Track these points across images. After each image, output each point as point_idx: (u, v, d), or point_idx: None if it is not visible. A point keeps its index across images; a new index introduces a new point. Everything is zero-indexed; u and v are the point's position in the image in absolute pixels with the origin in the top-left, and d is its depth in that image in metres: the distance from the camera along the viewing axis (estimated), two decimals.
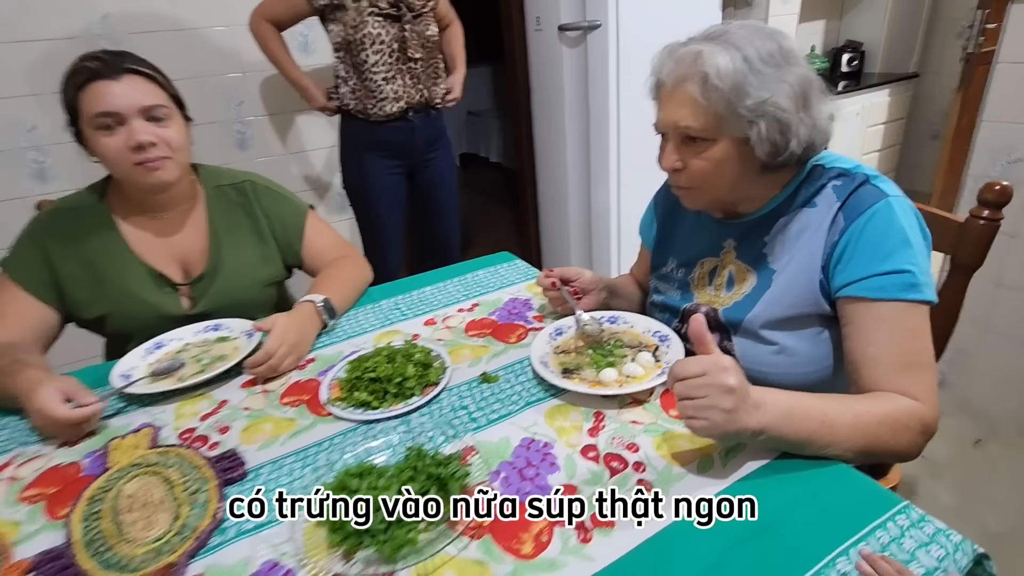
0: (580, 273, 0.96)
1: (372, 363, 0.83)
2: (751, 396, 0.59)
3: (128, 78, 0.91)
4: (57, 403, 0.74)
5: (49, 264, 0.97)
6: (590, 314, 0.91)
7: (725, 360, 0.59)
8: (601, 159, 2.06)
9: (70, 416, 0.74)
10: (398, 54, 1.66)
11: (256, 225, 1.10)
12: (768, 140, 0.68)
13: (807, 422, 0.62)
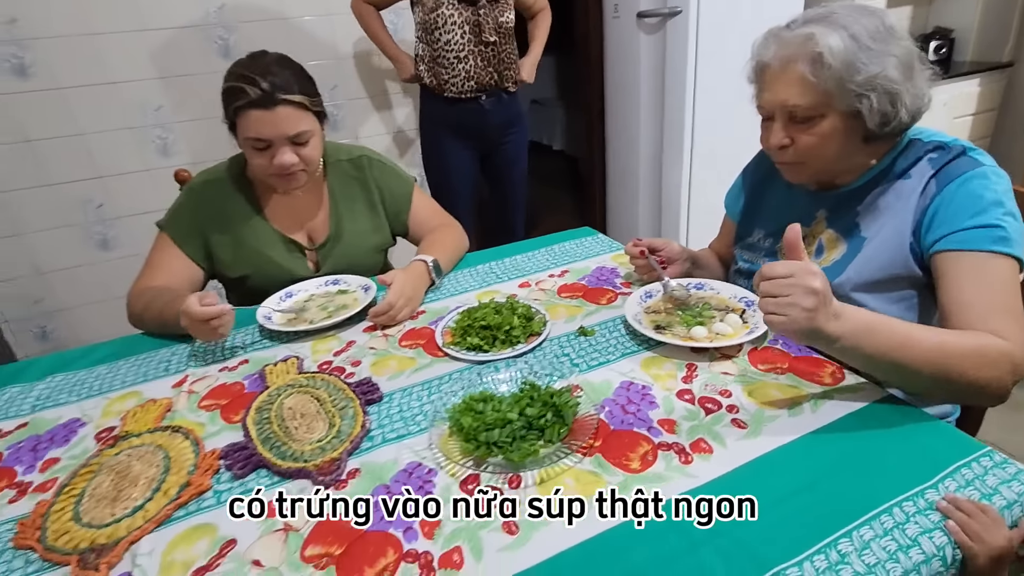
0: (667, 244, 1.03)
1: (481, 314, 0.93)
2: (833, 303, 0.62)
3: (282, 109, 0.97)
4: (195, 304, 0.88)
5: (201, 228, 1.12)
6: (677, 280, 0.98)
7: (814, 267, 0.63)
8: (675, 144, 2.09)
9: (204, 312, 0.88)
10: (470, 36, 1.76)
11: (370, 196, 1.22)
12: (879, 111, 0.73)
13: (888, 338, 0.64)
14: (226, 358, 0.96)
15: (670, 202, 2.22)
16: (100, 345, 1.04)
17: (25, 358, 1.50)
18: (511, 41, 1.85)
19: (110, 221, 2.06)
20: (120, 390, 0.89)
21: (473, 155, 1.97)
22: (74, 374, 0.95)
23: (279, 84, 0.97)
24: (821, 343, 0.65)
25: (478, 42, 1.78)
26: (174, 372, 0.93)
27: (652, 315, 0.92)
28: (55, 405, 0.87)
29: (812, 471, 0.61)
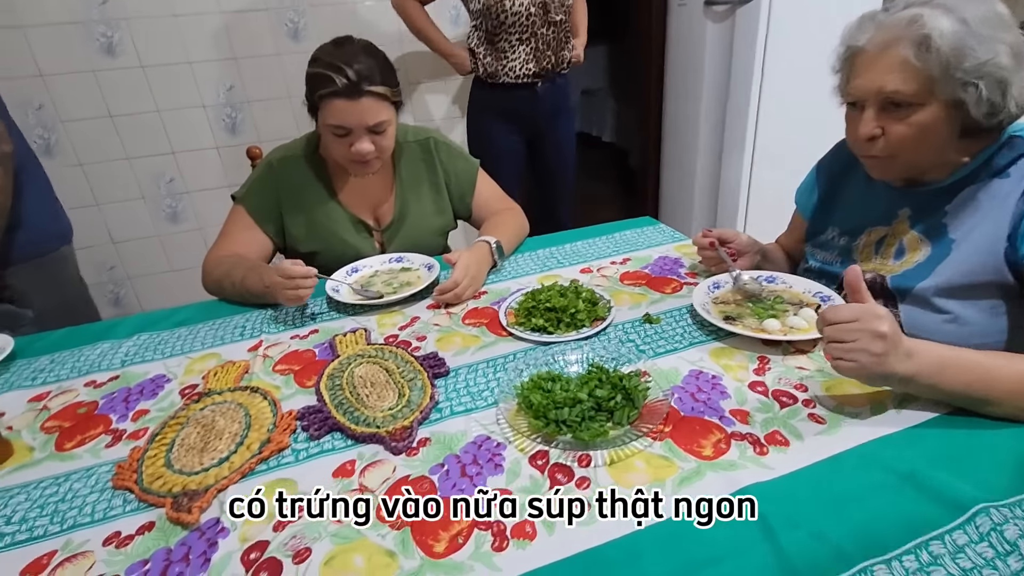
0: (737, 235, 1.01)
1: (545, 296, 0.94)
2: (903, 344, 0.62)
3: (366, 100, 1.00)
4: (287, 262, 0.95)
5: (277, 203, 1.16)
6: (748, 273, 0.96)
7: (879, 309, 0.62)
8: (736, 139, 2.04)
9: (296, 269, 0.93)
10: (535, 17, 1.73)
11: (435, 179, 1.24)
12: (988, 101, 0.69)
13: (963, 374, 0.63)
14: (297, 326, 0.99)
15: (727, 199, 2.17)
16: (180, 309, 1.10)
17: None
18: (569, 21, 1.83)
19: (179, 195, 2.17)
20: (200, 351, 0.94)
21: (520, 141, 1.96)
22: (158, 334, 1.01)
23: (365, 75, 0.99)
24: (894, 384, 0.64)
25: (544, 22, 1.75)
26: (249, 337, 0.97)
27: (721, 306, 0.90)
28: (143, 361, 0.92)
29: (897, 470, 0.59)
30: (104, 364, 0.92)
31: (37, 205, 1.33)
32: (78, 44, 1.87)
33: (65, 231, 1.43)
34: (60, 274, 1.41)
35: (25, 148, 1.33)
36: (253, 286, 1.02)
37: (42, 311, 1.36)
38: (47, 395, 0.85)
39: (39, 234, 1.34)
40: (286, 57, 2.10)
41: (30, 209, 1.31)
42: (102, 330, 1.04)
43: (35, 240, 1.33)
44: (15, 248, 1.29)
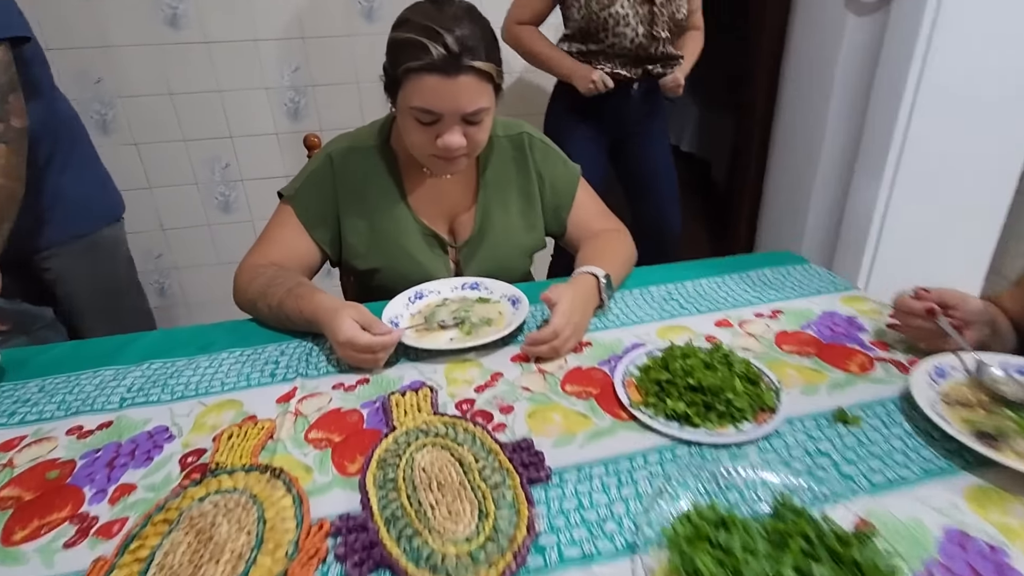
0: (963, 299, 0.70)
1: (681, 364, 0.66)
2: None
3: (464, 78, 0.75)
4: (360, 331, 0.72)
5: (334, 205, 0.93)
6: (994, 360, 0.65)
7: None
8: (874, 158, 1.69)
9: (373, 342, 0.71)
10: (643, 32, 1.51)
11: (527, 185, 0.98)
12: None
13: None
14: (341, 370, 0.76)
15: (853, 226, 1.81)
16: (206, 328, 0.89)
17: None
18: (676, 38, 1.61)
19: (233, 183, 2.01)
20: (218, 394, 0.72)
21: (600, 145, 1.71)
22: (172, 363, 0.80)
23: (468, 45, 0.74)
24: None
25: (648, 35, 1.53)
26: (280, 380, 0.75)
27: (959, 409, 0.60)
28: (145, 403, 0.71)
29: None
30: (100, 401, 0.72)
31: (79, 179, 1.17)
32: (141, 14, 1.74)
33: (114, 208, 1.27)
34: (107, 256, 1.26)
35: (69, 118, 1.17)
36: (292, 313, 0.80)
37: (87, 296, 1.23)
38: (19, 442, 0.65)
39: (82, 211, 1.19)
40: (357, 39, 1.90)
41: (72, 183, 1.15)
42: (111, 349, 0.84)
43: (77, 218, 1.18)
44: (53, 226, 1.14)
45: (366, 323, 0.73)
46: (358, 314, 0.74)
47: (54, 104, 1.12)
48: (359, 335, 0.71)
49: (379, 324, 0.74)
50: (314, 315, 0.77)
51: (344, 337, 0.71)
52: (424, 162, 0.88)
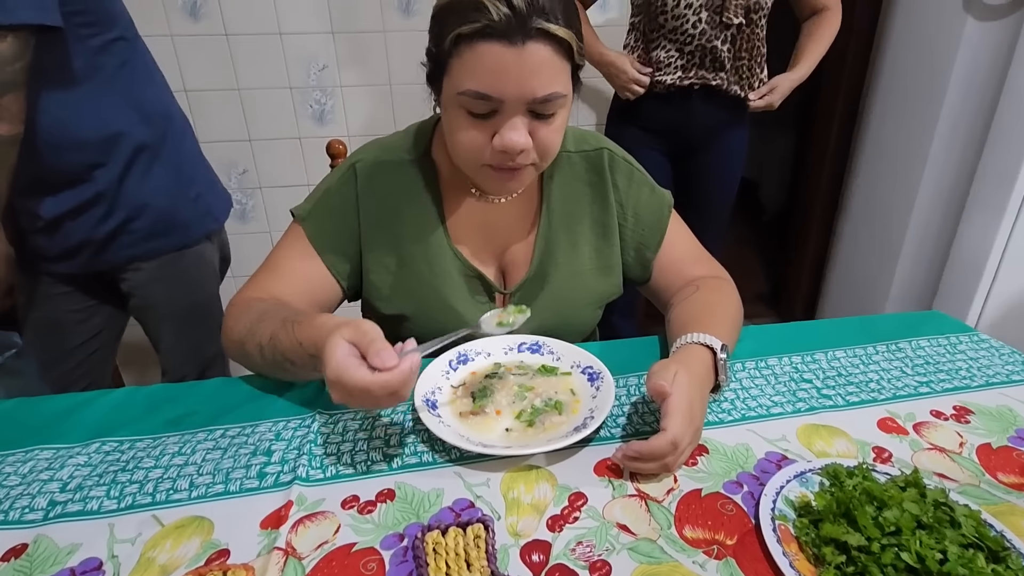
0: None
1: (882, 520, 0.43)
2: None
3: (533, 47, 0.55)
4: (353, 365, 0.48)
5: (356, 234, 0.72)
6: None
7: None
8: (995, 190, 1.42)
9: (370, 384, 0.47)
10: (705, 25, 1.27)
11: (604, 216, 0.76)
12: None
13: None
14: (356, 473, 0.54)
15: (960, 268, 1.54)
16: (185, 389, 0.68)
17: None
18: (759, 33, 1.32)
19: (250, 190, 1.83)
20: (181, 505, 0.51)
21: (666, 156, 1.48)
22: (130, 443, 0.59)
23: (539, 3, 0.54)
24: None
25: (718, 30, 1.28)
26: (271, 485, 0.53)
27: None
28: (80, 513, 0.50)
29: None
30: (19, 505, 0.51)
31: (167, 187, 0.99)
32: (159, 2, 1.57)
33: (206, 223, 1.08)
34: (191, 276, 1.09)
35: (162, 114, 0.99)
36: (288, 347, 0.58)
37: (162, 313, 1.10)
38: None
39: (166, 227, 1.01)
40: (392, 36, 1.71)
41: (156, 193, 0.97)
42: (60, 412, 0.65)
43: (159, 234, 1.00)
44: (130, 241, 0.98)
45: (363, 346, 0.49)
46: (354, 334, 0.50)
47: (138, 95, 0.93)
48: (351, 373, 0.48)
49: (378, 349, 0.49)
50: (314, 342, 0.54)
51: (332, 374, 0.48)
52: (475, 177, 0.66)
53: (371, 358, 0.48)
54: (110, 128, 0.90)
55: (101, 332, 1.11)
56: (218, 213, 1.12)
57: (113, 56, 0.89)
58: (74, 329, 1.07)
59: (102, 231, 0.95)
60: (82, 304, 1.06)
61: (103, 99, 0.88)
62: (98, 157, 0.90)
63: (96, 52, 0.86)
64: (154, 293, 1.06)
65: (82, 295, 1.05)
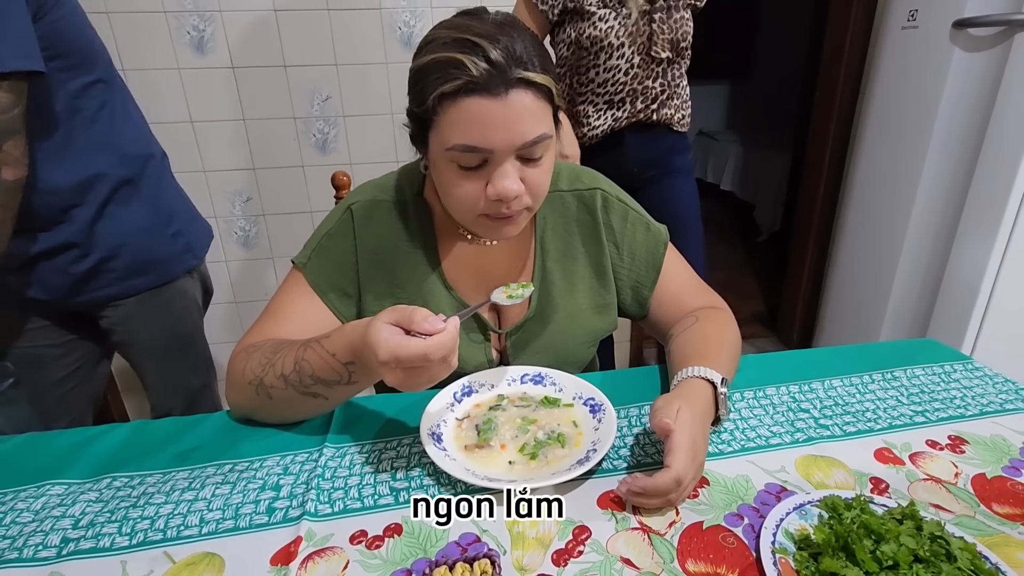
0: None
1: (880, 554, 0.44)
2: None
3: (516, 96, 0.57)
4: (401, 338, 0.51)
5: (355, 274, 0.74)
6: None
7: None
8: (987, 212, 1.45)
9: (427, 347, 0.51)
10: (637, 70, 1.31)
11: (599, 255, 0.78)
12: None
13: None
14: (364, 507, 0.55)
15: (955, 291, 1.56)
16: (193, 422, 0.69)
17: None
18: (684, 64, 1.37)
19: (254, 218, 1.86)
20: (192, 541, 0.52)
21: None
22: (140, 479, 0.60)
23: (517, 54, 0.56)
24: None
25: (646, 63, 1.31)
26: (280, 520, 0.54)
27: None
28: (93, 550, 0.51)
29: None
30: (33, 542, 0.52)
31: (145, 226, 0.99)
32: (166, 37, 1.61)
33: (186, 260, 1.08)
34: (172, 309, 1.09)
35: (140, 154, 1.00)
36: (319, 363, 0.59)
37: (145, 347, 1.09)
38: None
39: (144, 264, 1.01)
40: (393, 67, 1.75)
41: (134, 232, 0.98)
42: (70, 448, 0.65)
43: (138, 272, 1.01)
44: (109, 280, 0.98)
45: (406, 321, 0.52)
46: (392, 315, 0.53)
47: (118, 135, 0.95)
48: (405, 345, 0.51)
49: (424, 315, 0.53)
50: (350, 344, 0.56)
51: (386, 354, 0.51)
52: (471, 227, 0.68)
53: (419, 325, 0.52)
54: (88, 170, 0.90)
55: (81, 367, 1.09)
56: (198, 249, 1.11)
57: (92, 99, 0.90)
58: (53, 364, 1.05)
59: (78, 270, 0.94)
60: (61, 339, 1.05)
61: (82, 141, 0.89)
62: (75, 198, 0.90)
63: (75, 95, 0.87)
64: (135, 329, 1.05)
65: (60, 330, 1.04)
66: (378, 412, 0.70)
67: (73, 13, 0.87)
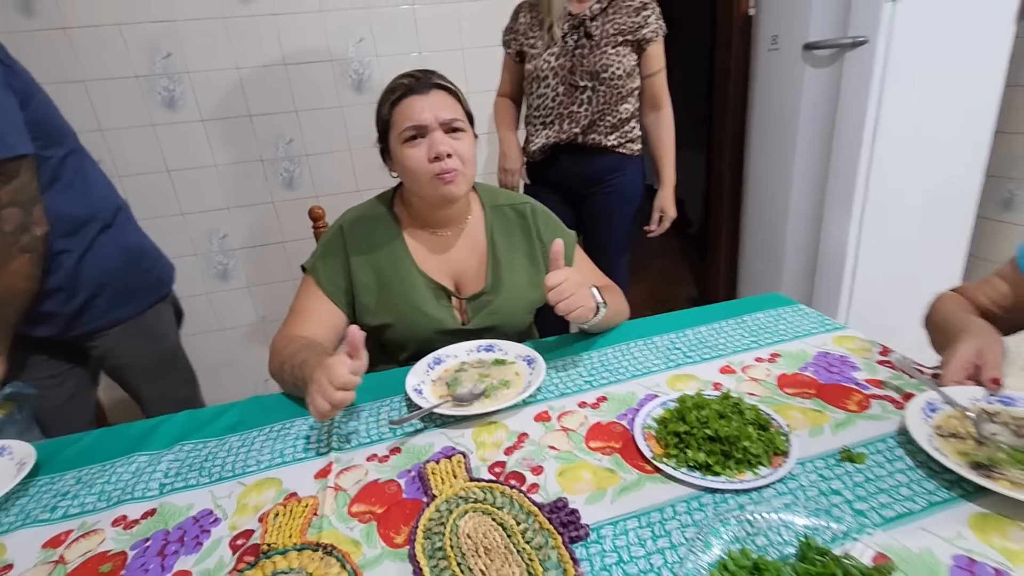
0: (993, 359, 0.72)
1: (696, 415, 0.71)
2: None
3: (435, 93, 0.94)
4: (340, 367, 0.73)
5: (347, 271, 1.00)
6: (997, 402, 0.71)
7: None
8: (843, 191, 1.81)
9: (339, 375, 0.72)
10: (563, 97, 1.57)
11: (531, 248, 1.08)
12: None
13: None
14: (372, 441, 0.79)
15: (830, 254, 1.91)
16: (229, 407, 0.92)
17: None
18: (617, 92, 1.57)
19: (231, 252, 2.05)
20: (255, 473, 0.75)
21: (564, 207, 1.73)
22: (204, 444, 0.82)
23: (434, 74, 0.97)
24: None
25: (570, 92, 1.56)
26: (314, 455, 0.77)
27: (954, 442, 0.66)
28: (185, 487, 0.73)
29: None
30: (139, 488, 0.74)
31: (121, 266, 1.17)
32: (139, 98, 1.81)
33: (159, 288, 1.27)
34: (153, 331, 1.27)
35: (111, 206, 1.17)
36: (309, 373, 0.83)
37: (136, 368, 1.26)
38: (67, 537, 0.67)
39: (125, 297, 1.19)
40: (349, 109, 2.00)
41: (113, 272, 1.16)
42: (140, 434, 0.86)
43: (121, 304, 1.18)
44: (96, 314, 1.15)
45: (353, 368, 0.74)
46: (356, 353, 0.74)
47: (91, 194, 1.13)
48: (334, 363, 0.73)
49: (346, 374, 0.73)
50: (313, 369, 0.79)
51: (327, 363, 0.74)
52: (428, 193, 0.95)
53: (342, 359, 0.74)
54: (70, 224, 1.07)
55: (76, 393, 1.24)
56: (167, 279, 1.31)
57: (67, 167, 1.08)
58: (51, 392, 1.19)
59: (69, 309, 1.11)
60: (58, 370, 1.20)
61: (64, 202, 1.06)
62: (62, 246, 1.07)
63: (55, 166, 1.05)
64: (123, 353, 1.22)
65: (56, 361, 1.19)
66: (375, 383, 0.94)
67: (45, 99, 1.07)
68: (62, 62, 1.72)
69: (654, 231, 1.75)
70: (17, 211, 0.97)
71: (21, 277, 1.00)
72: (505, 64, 1.70)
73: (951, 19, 1.61)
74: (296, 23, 1.87)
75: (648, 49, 1.58)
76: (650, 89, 1.66)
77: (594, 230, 1.75)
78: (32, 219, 0.99)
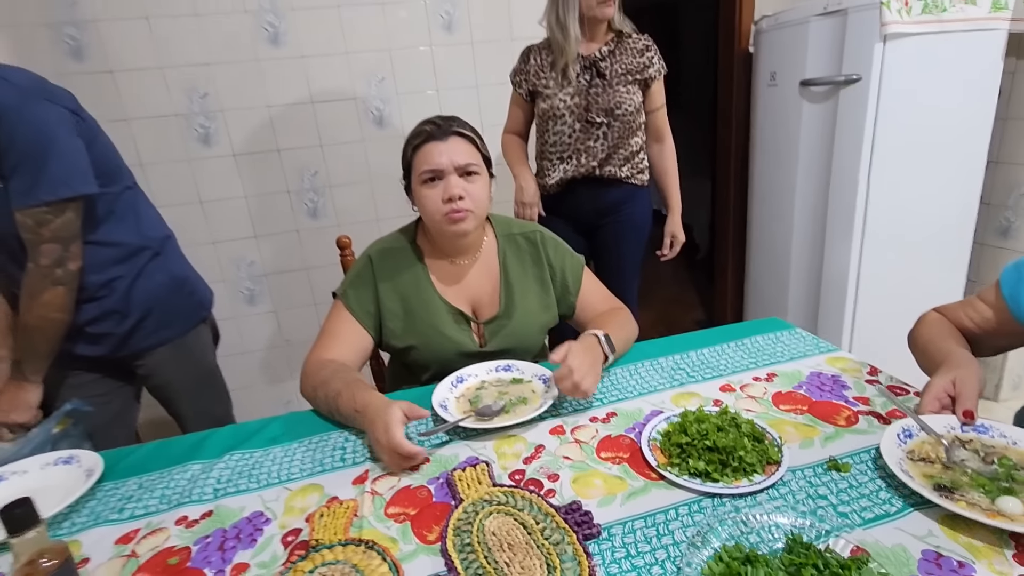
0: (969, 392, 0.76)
1: (697, 428, 0.79)
2: None
3: (453, 139, 1.03)
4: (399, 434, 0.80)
5: (376, 298, 1.09)
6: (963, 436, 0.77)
7: None
8: (843, 221, 1.89)
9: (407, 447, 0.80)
10: (579, 134, 1.66)
11: (541, 273, 1.16)
12: None
13: None
14: None
15: (833, 283, 1.99)
16: (270, 421, 1.00)
17: None
18: (630, 127, 1.68)
19: (258, 278, 2.16)
20: (299, 480, 0.83)
21: (580, 234, 1.82)
22: (250, 454, 0.91)
23: (453, 120, 1.05)
24: None
25: (586, 129, 1.66)
26: (351, 464, 0.86)
27: (922, 465, 0.73)
28: (236, 492, 0.82)
29: None
30: (196, 493, 0.82)
31: (167, 291, 1.27)
32: (177, 134, 1.95)
33: (200, 311, 1.37)
34: (194, 351, 1.37)
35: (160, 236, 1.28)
36: (345, 407, 0.92)
37: (179, 385, 1.34)
38: (135, 534, 0.75)
39: (169, 320, 1.29)
40: (370, 143, 2.12)
41: (160, 297, 1.26)
42: (191, 446, 0.95)
43: (165, 327, 1.28)
44: (143, 337, 1.25)
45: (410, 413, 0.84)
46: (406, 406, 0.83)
47: (142, 225, 1.24)
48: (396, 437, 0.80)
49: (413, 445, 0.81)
50: (358, 408, 0.88)
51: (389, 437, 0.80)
52: (441, 227, 1.04)
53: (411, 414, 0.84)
54: (124, 253, 1.18)
55: (122, 411, 1.33)
56: (206, 303, 1.41)
57: (123, 202, 1.19)
58: (101, 410, 1.25)
59: (121, 330, 1.21)
60: (107, 388, 1.29)
61: (119, 233, 1.17)
62: (116, 273, 1.17)
63: (111, 201, 1.16)
64: (168, 371, 1.32)
65: (106, 380, 1.28)
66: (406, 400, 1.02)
67: (106, 141, 1.18)
68: (108, 102, 1.87)
69: (667, 255, 1.84)
70: (57, 247, 1.07)
71: (54, 308, 1.10)
72: (515, 101, 1.80)
73: (941, 57, 1.71)
74: (323, 64, 2.01)
75: (652, 87, 1.70)
76: (654, 123, 1.77)
77: (606, 257, 1.85)
78: (69, 255, 1.09)
